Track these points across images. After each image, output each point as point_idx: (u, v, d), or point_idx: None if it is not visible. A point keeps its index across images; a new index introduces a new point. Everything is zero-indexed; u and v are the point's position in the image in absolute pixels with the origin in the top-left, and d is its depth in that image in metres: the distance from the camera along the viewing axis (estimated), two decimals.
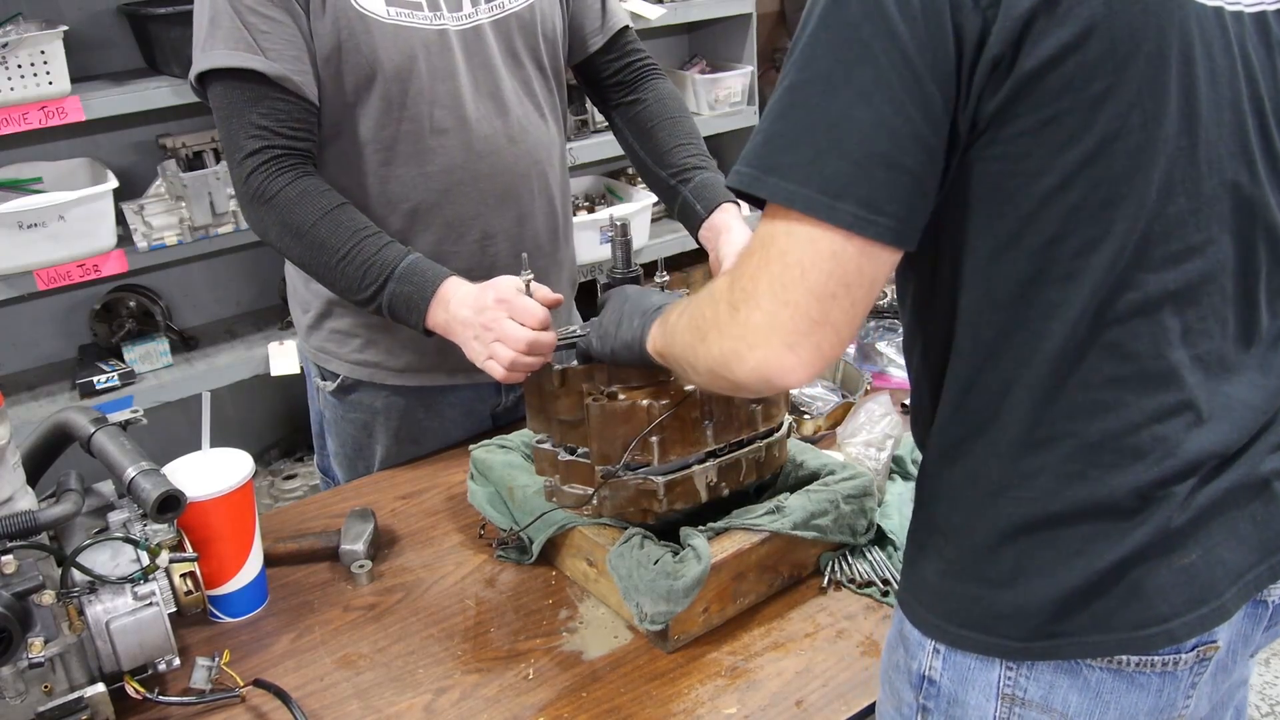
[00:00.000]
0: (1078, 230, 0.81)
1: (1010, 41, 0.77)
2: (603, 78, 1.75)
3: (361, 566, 1.41)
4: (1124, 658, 0.87)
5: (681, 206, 1.64)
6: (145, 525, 1.19)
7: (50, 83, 2.29)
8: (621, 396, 1.24)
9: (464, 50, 1.50)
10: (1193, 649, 0.87)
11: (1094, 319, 0.83)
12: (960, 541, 0.91)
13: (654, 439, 1.23)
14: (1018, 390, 0.86)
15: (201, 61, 1.41)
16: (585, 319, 1.61)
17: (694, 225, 1.62)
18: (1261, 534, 0.90)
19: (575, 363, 1.31)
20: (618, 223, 1.37)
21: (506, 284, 1.36)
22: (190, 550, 1.23)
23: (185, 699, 1.19)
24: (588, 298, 1.58)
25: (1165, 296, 0.84)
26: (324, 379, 1.68)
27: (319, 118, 1.47)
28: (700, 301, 0.93)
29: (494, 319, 1.33)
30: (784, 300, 0.81)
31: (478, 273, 1.57)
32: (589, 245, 3.01)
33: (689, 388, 1.23)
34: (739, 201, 1.60)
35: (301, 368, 1.80)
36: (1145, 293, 0.83)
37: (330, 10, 1.41)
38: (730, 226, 1.57)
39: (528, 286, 1.35)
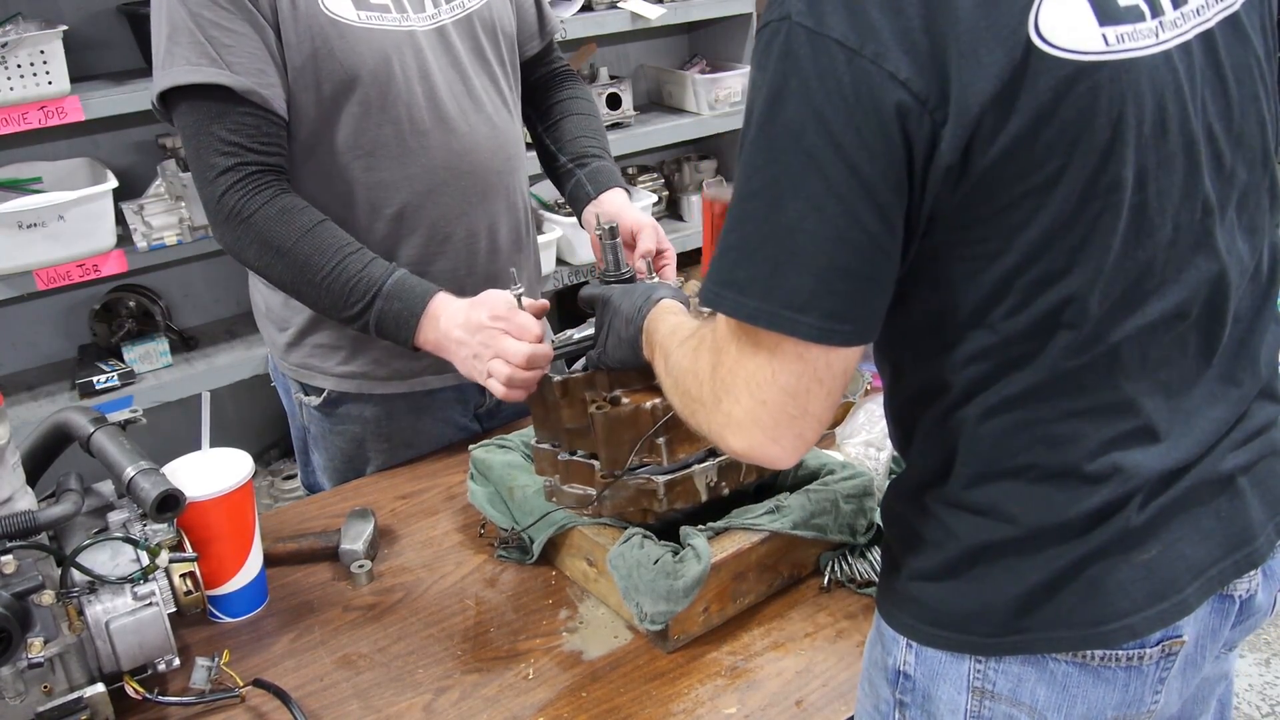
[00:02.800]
0: (1039, 299, 0.82)
1: (961, 147, 0.77)
2: (530, 80, 1.76)
3: (361, 566, 1.41)
4: (1089, 652, 0.88)
5: (574, 188, 1.70)
6: (145, 525, 1.19)
7: (50, 83, 2.29)
8: (625, 401, 1.24)
9: (433, 50, 1.51)
10: (1157, 644, 0.88)
11: (1053, 365, 0.84)
12: (926, 552, 0.93)
13: (660, 440, 1.23)
14: (978, 428, 0.88)
15: (162, 79, 1.38)
16: (564, 315, 1.62)
17: (582, 205, 1.69)
18: (1226, 529, 0.91)
19: (567, 370, 1.32)
20: (607, 225, 1.37)
21: (498, 299, 1.37)
22: (190, 550, 1.23)
23: (185, 699, 1.19)
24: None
25: (1124, 339, 0.85)
26: (307, 394, 1.65)
27: (290, 130, 1.45)
28: (685, 374, 0.95)
29: (491, 337, 1.34)
30: (760, 399, 0.83)
31: (463, 271, 1.58)
32: (588, 246, 3.02)
33: None
34: (629, 188, 1.69)
35: (274, 385, 1.76)
36: (1106, 341, 0.85)
37: (302, 19, 1.40)
38: (614, 203, 1.66)
39: (519, 300, 1.36)
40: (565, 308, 2.99)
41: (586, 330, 1.33)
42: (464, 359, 1.38)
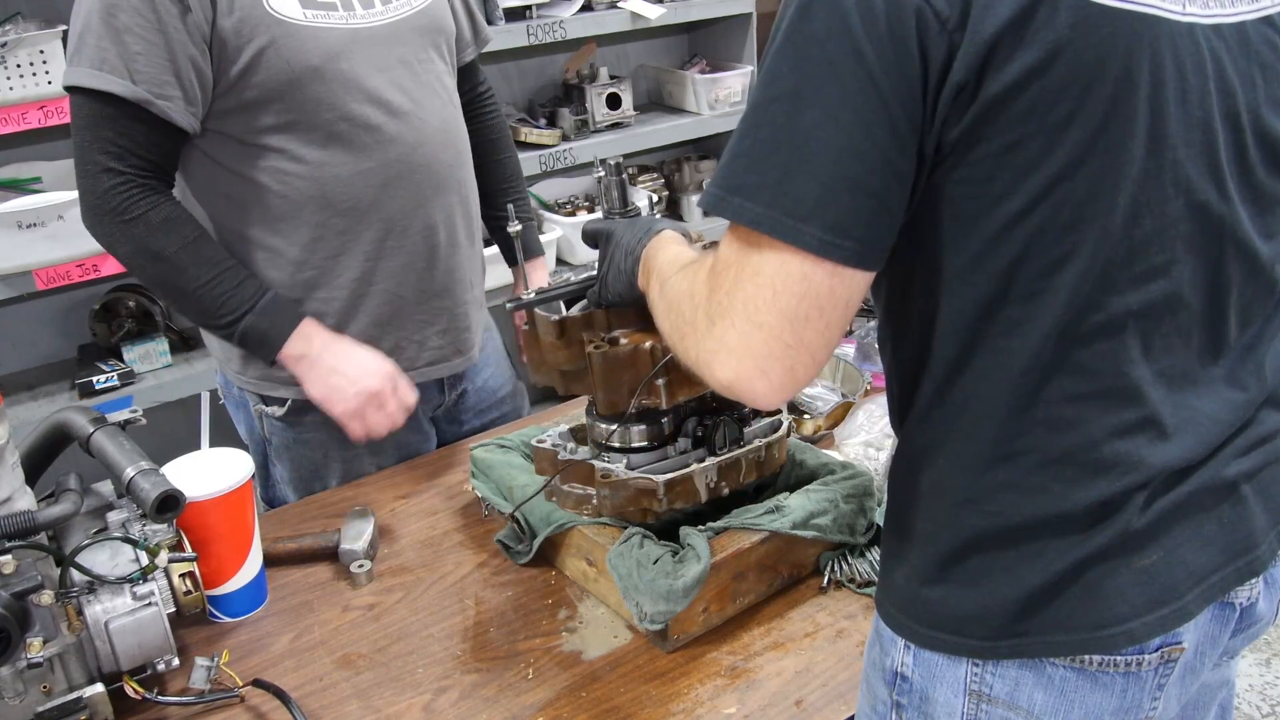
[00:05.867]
0: (1041, 252, 0.81)
1: (974, 67, 0.76)
2: (460, 94, 1.76)
3: (361, 566, 1.41)
4: (1088, 657, 0.88)
5: (502, 242, 1.87)
6: (144, 525, 1.19)
7: (50, 82, 2.29)
8: (623, 341, 1.22)
9: (381, 47, 1.51)
10: (1156, 650, 0.88)
11: (1057, 338, 0.83)
12: (924, 548, 0.92)
13: (660, 381, 1.21)
14: (982, 406, 0.86)
15: (67, 75, 1.40)
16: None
17: (508, 260, 1.85)
18: (1229, 537, 0.90)
19: (564, 311, 1.30)
20: (610, 161, 1.32)
21: (386, 365, 1.54)
22: (189, 550, 1.23)
23: (184, 699, 1.19)
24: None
25: (1128, 316, 0.84)
26: (269, 405, 1.64)
27: (243, 129, 1.46)
28: (681, 296, 0.92)
29: (387, 394, 1.53)
30: (757, 322, 0.80)
31: (421, 264, 1.59)
32: (577, 250, 3.04)
33: None
34: (543, 254, 1.90)
35: (222, 403, 1.75)
36: (1109, 313, 0.83)
37: (246, 20, 1.40)
38: (532, 278, 1.84)
39: (517, 238, 1.43)
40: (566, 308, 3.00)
41: (584, 273, 1.31)
42: (325, 379, 1.51)
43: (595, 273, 1.26)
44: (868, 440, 1.54)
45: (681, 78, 3.38)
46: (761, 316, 0.80)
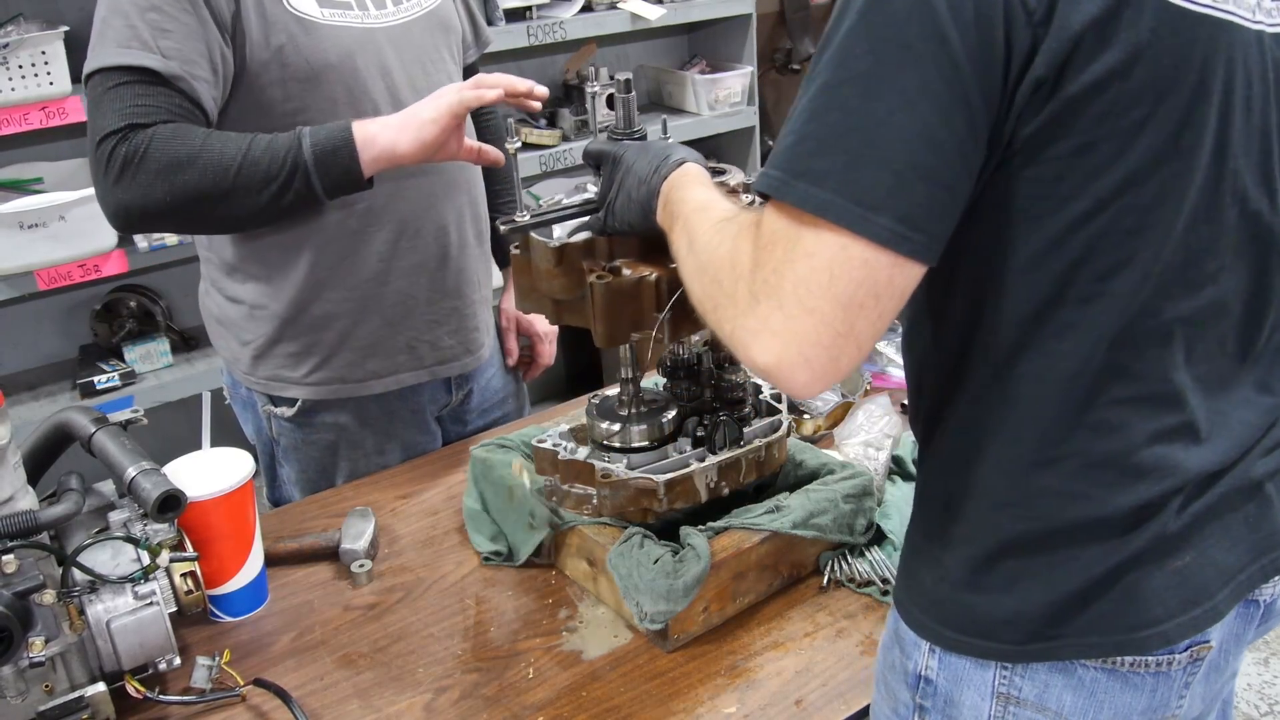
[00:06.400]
0: (1102, 256, 0.80)
1: (1056, 64, 0.74)
2: None
3: (361, 566, 1.41)
4: (1119, 658, 0.87)
5: (495, 244, 1.82)
6: (145, 525, 1.19)
7: (51, 83, 2.29)
8: (626, 271, 1.16)
9: (395, 47, 1.52)
10: (1186, 649, 0.88)
11: (1110, 343, 0.82)
12: (957, 551, 0.91)
13: (663, 316, 1.16)
14: (1028, 409, 0.85)
15: (91, 61, 1.35)
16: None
17: (499, 263, 1.86)
18: (1254, 534, 0.90)
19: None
20: (620, 78, 1.26)
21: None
22: (190, 550, 1.23)
23: (186, 698, 1.19)
24: None
25: (1176, 322, 0.83)
26: (277, 406, 1.63)
27: (259, 128, 1.41)
28: (719, 262, 0.85)
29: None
30: (809, 306, 0.75)
31: (433, 265, 1.59)
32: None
33: None
34: None
35: (228, 404, 1.73)
36: (1160, 319, 0.83)
37: (267, 15, 1.40)
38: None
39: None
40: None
41: (580, 195, 1.25)
42: (417, 112, 1.38)
43: (594, 196, 1.20)
44: (867, 440, 1.54)
45: (681, 78, 3.39)
46: (814, 301, 0.75)
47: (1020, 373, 0.84)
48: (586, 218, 1.23)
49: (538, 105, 1.46)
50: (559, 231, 1.24)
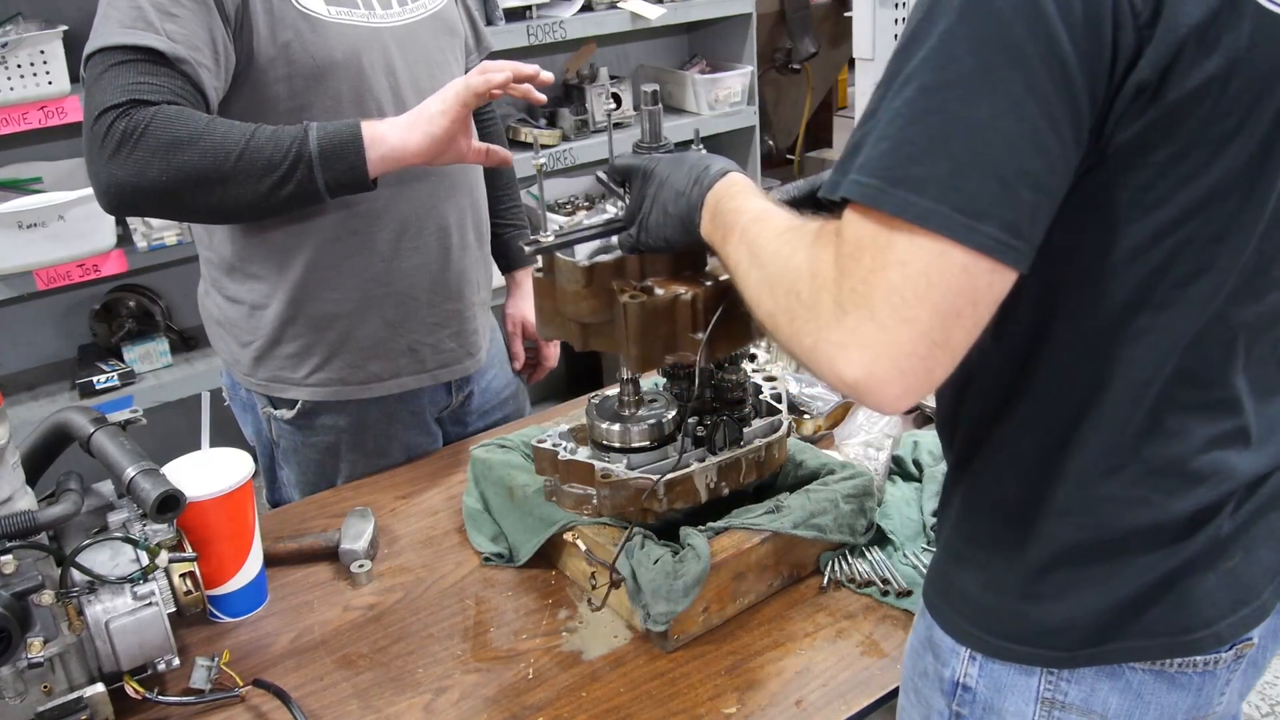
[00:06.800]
0: (1183, 263, 0.78)
1: (1159, 68, 0.72)
2: None
3: (361, 566, 1.41)
4: (1167, 659, 0.87)
5: (496, 247, 1.83)
6: (145, 525, 1.19)
7: (50, 83, 2.29)
8: (660, 291, 1.12)
9: (400, 47, 1.52)
10: (1231, 648, 0.88)
11: (1182, 349, 0.81)
12: (1009, 558, 0.89)
13: (700, 336, 1.11)
14: (1096, 416, 0.83)
15: (93, 42, 1.32)
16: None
17: (501, 267, 1.88)
18: None
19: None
20: (645, 90, 1.22)
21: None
22: (190, 550, 1.23)
23: (185, 699, 1.19)
24: None
25: (1241, 326, 0.83)
26: (278, 408, 1.63)
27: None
28: (795, 272, 0.80)
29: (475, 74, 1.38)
30: (905, 316, 0.71)
31: (435, 266, 1.59)
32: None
33: (728, 275, 1.07)
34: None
35: (227, 405, 1.73)
36: (1228, 324, 0.82)
37: (275, 11, 1.40)
38: (523, 285, 1.87)
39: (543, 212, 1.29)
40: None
41: (601, 216, 1.21)
42: (426, 111, 1.36)
43: (618, 214, 1.17)
44: (868, 440, 1.54)
45: (681, 78, 3.39)
46: (911, 310, 0.71)
47: (1089, 381, 0.82)
48: (611, 238, 1.19)
49: (542, 98, 1.45)
50: (581, 252, 1.20)
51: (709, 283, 1.13)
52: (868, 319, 0.72)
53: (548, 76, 1.41)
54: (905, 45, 0.74)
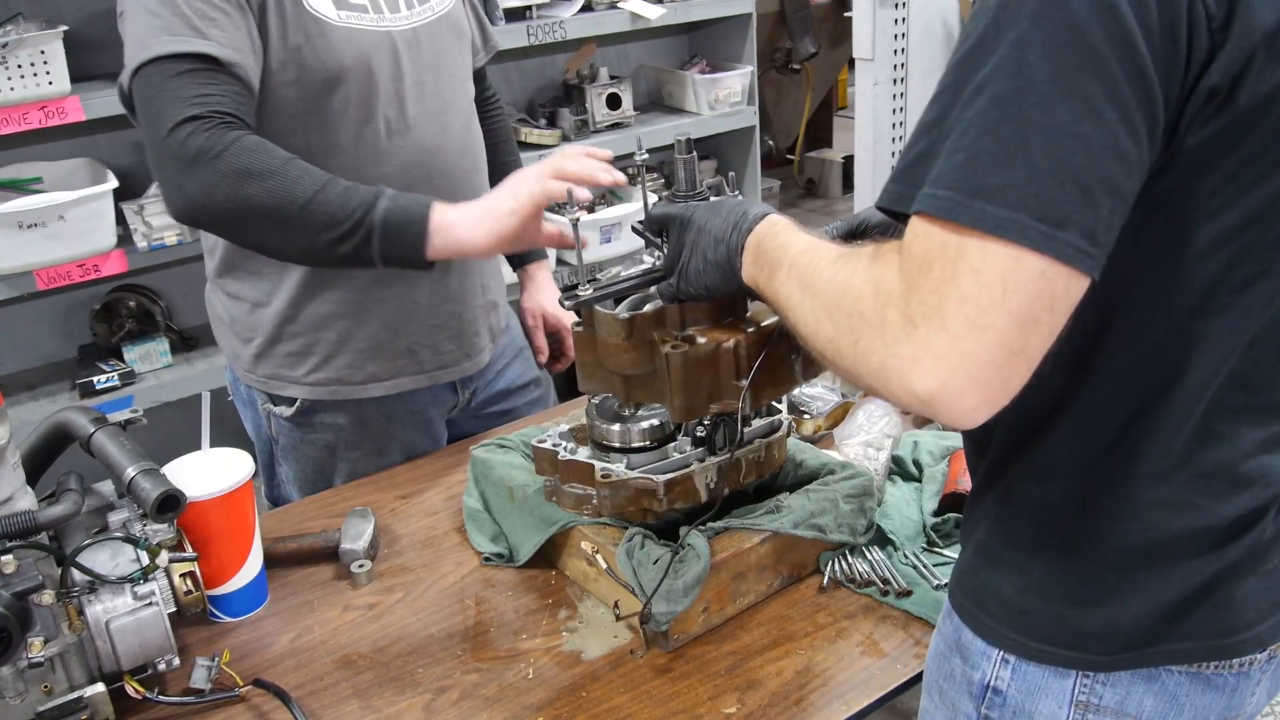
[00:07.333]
0: (1243, 268, 0.78)
1: (1232, 73, 0.71)
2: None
3: (361, 566, 1.41)
4: (1206, 662, 0.87)
5: None
6: (145, 525, 1.19)
7: (50, 83, 2.29)
8: (701, 340, 1.12)
9: (408, 51, 1.51)
10: (1265, 649, 0.88)
11: (1239, 354, 0.81)
12: (1052, 563, 0.88)
13: (743, 383, 1.11)
14: (1151, 421, 0.82)
15: (138, 54, 1.32)
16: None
17: (511, 263, 1.89)
18: None
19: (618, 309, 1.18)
20: (680, 138, 1.20)
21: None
22: (190, 550, 1.23)
23: (185, 699, 1.19)
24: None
25: None
26: (277, 404, 1.63)
27: (268, 128, 1.41)
28: (856, 292, 0.78)
29: (540, 166, 1.35)
30: (980, 324, 0.69)
31: (436, 271, 1.57)
32: (590, 244, 3.02)
33: (769, 321, 1.12)
34: (545, 256, 1.86)
35: (230, 400, 1.74)
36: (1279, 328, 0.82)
37: (288, 14, 1.40)
38: (536, 278, 1.88)
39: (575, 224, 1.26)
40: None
41: (638, 267, 1.20)
42: (501, 196, 1.34)
43: (654, 264, 1.17)
44: (868, 440, 1.54)
45: (681, 78, 3.39)
46: (986, 318, 0.69)
47: (1147, 385, 0.81)
48: (651, 289, 1.18)
49: (622, 178, 1.41)
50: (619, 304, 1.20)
51: (750, 329, 1.13)
52: (940, 330, 0.70)
53: (620, 178, 1.38)
54: (970, 53, 0.72)
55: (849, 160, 4.64)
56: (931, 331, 0.70)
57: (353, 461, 1.67)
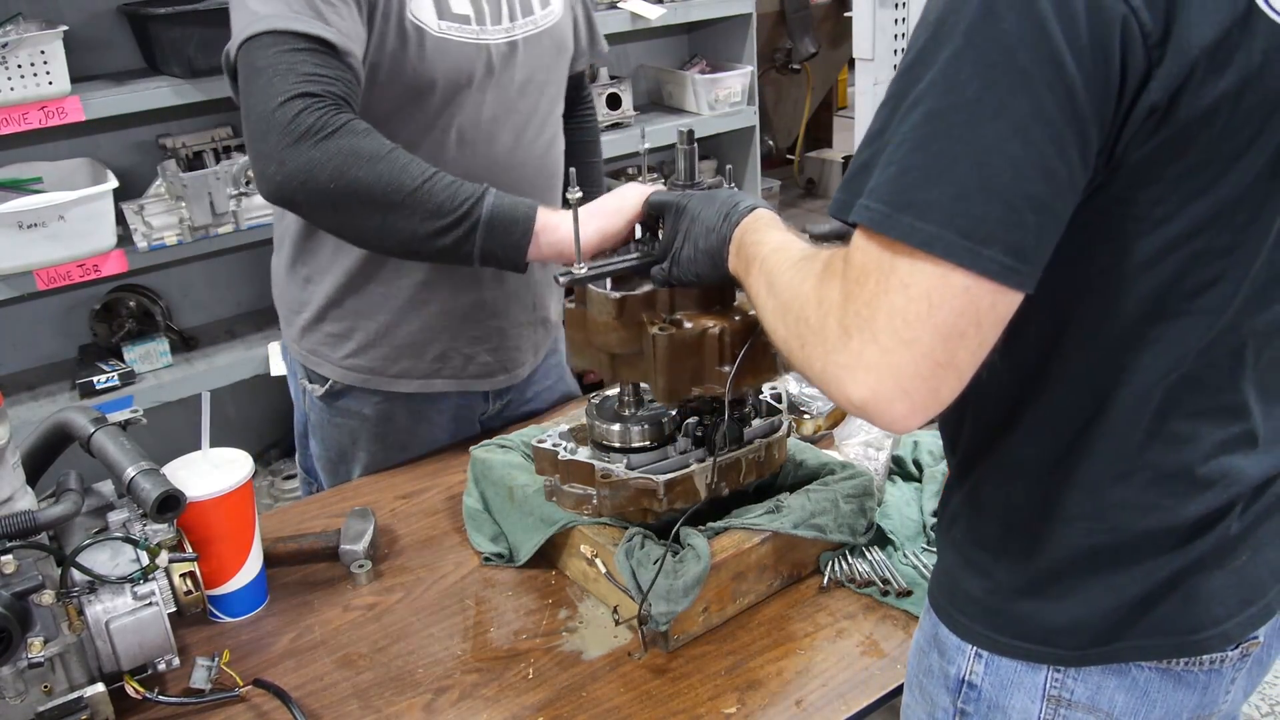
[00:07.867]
0: (1194, 275, 0.79)
1: (1171, 89, 0.71)
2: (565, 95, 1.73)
3: (361, 566, 1.41)
4: (1175, 657, 0.87)
5: None
6: (145, 525, 1.19)
7: (50, 83, 2.29)
8: (688, 325, 1.16)
9: (502, 63, 1.50)
10: (1237, 646, 0.88)
11: (1193, 358, 0.81)
12: (1017, 562, 0.89)
13: (727, 369, 1.15)
14: (1106, 424, 0.83)
15: (254, 24, 1.29)
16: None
17: None
18: None
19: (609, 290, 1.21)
20: (681, 130, 1.25)
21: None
22: (190, 550, 1.23)
23: (185, 699, 1.19)
24: None
25: (1251, 334, 0.83)
26: (312, 381, 1.66)
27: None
28: (804, 299, 0.83)
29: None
30: (907, 338, 0.72)
31: (493, 290, 1.58)
32: None
33: (754, 311, 1.12)
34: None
35: (286, 366, 1.78)
36: (1238, 332, 0.82)
37: (391, 18, 1.39)
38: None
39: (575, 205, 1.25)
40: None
41: (637, 249, 1.25)
42: (613, 205, 1.30)
43: (649, 249, 1.20)
44: (867, 440, 1.54)
45: (681, 78, 3.39)
46: (912, 332, 0.72)
47: (1097, 390, 0.83)
48: (652, 270, 1.21)
49: None
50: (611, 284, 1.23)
51: (737, 317, 1.17)
52: (870, 342, 0.73)
53: None
54: (910, 66, 0.74)
55: (849, 160, 4.63)
56: (864, 343, 0.74)
57: (373, 453, 1.68)
